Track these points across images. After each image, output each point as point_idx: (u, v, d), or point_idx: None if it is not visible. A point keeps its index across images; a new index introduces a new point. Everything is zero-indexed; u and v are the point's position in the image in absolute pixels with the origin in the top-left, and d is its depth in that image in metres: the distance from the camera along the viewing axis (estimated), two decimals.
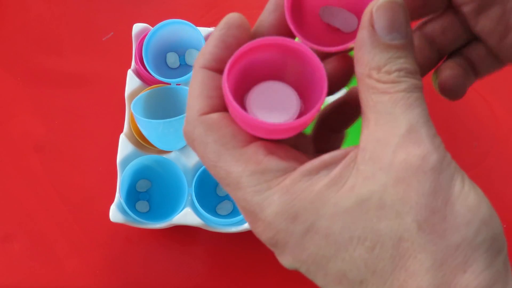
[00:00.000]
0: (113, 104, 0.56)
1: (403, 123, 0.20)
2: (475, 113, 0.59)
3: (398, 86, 0.21)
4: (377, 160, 0.20)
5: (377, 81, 0.21)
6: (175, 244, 0.53)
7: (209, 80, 0.23)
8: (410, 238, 0.19)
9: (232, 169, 0.22)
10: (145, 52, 0.49)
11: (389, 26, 0.21)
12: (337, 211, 0.20)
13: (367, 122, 0.21)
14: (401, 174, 0.20)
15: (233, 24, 0.25)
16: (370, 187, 0.20)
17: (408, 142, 0.20)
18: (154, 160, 0.49)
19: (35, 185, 0.54)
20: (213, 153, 0.22)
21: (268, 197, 0.21)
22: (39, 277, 0.52)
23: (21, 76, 0.59)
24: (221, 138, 0.22)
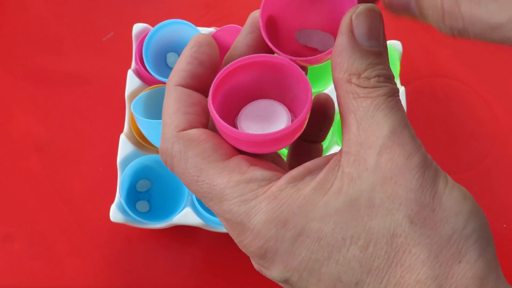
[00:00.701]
0: (113, 104, 0.56)
1: (386, 126, 0.20)
2: (475, 113, 0.59)
3: (378, 91, 0.21)
4: (362, 162, 0.20)
5: (357, 86, 0.21)
6: (175, 244, 0.53)
7: (185, 97, 0.23)
8: (403, 233, 0.19)
9: (215, 182, 0.22)
10: (145, 52, 0.49)
11: (369, 33, 0.21)
12: (327, 213, 0.20)
13: (348, 127, 0.21)
14: (387, 174, 0.20)
15: (203, 42, 0.25)
16: (358, 187, 0.20)
17: (392, 143, 0.20)
18: (154, 160, 0.49)
19: (35, 185, 0.54)
20: (194, 168, 0.22)
21: (255, 205, 0.21)
22: (39, 277, 0.52)
23: (21, 76, 0.59)
24: (202, 152, 0.22)
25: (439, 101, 0.59)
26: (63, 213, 0.54)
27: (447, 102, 0.59)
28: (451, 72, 0.60)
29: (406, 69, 0.57)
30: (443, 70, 0.60)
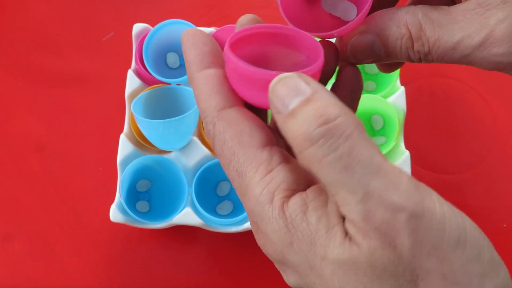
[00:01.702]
0: (113, 104, 0.56)
1: (357, 189, 0.20)
2: (475, 113, 0.59)
3: (335, 153, 0.20)
4: (369, 222, 0.20)
5: (312, 152, 0.20)
6: (175, 244, 0.53)
7: (213, 77, 0.23)
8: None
9: (243, 170, 0.22)
10: (145, 52, 0.49)
11: (289, 95, 0.20)
12: (326, 256, 0.20)
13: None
14: (384, 238, 0.19)
15: (201, 34, 0.25)
16: (359, 248, 0.20)
17: (368, 213, 0.19)
18: (154, 160, 0.49)
19: (35, 185, 0.54)
20: (229, 151, 0.22)
21: (268, 212, 0.21)
22: (39, 277, 0.52)
23: (21, 76, 0.59)
24: (238, 135, 0.22)
25: (439, 101, 0.59)
26: (63, 213, 0.54)
27: (447, 102, 0.59)
28: (451, 72, 0.60)
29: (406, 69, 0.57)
30: (443, 70, 0.60)
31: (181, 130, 0.46)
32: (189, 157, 0.49)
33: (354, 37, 0.25)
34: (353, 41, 0.25)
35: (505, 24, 0.22)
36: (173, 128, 0.45)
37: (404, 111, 0.51)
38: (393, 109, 0.50)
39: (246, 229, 0.48)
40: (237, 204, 0.51)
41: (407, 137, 0.53)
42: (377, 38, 0.25)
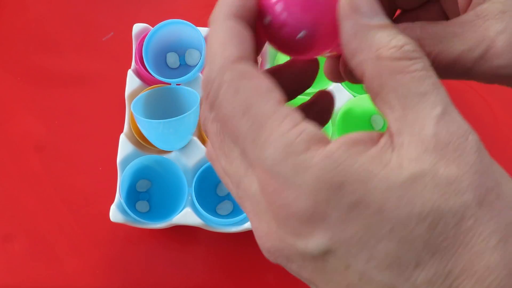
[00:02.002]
0: (113, 104, 0.56)
1: (437, 103, 0.19)
2: (475, 113, 0.59)
3: (416, 65, 0.19)
4: (420, 144, 0.18)
5: (390, 60, 0.19)
6: (175, 244, 0.53)
7: (239, 28, 0.21)
8: (473, 216, 0.18)
9: (263, 120, 0.18)
10: (145, 52, 0.49)
11: (373, 10, 0.20)
12: (390, 186, 0.18)
13: (390, 108, 0.19)
14: (449, 155, 0.18)
15: None
16: (420, 167, 0.18)
17: (447, 122, 0.18)
18: (154, 160, 0.49)
19: (35, 185, 0.54)
20: (244, 101, 0.19)
21: (306, 159, 0.18)
22: (39, 277, 0.52)
23: (21, 76, 0.59)
24: (256, 87, 0.19)
25: None
26: (63, 213, 0.54)
27: None
28: None
29: None
30: None
31: (181, 130, 0.46)
32: (189, 157, 0.49)
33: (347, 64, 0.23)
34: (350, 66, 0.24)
35: (504, 35, 0.22)
36: (173, 128, 0.45)
37: None
38: None
39: (246, 229, 0.48)
40: (237, 204, 0.51)
41: None
42: None
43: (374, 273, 0.18)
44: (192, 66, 0.53)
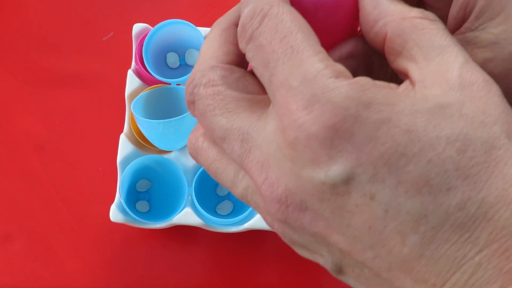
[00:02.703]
0: (113, 104, 0.56)
1: (460, 54, 0.18)
2: None
3: (436, 24, 0.19)
4: (444, 83, 0.18)
5: (414, 18, 0.19)
6: (175, 244, 0.53)
7: (230, 37, 0.21)
8: (503, 146, 0.17)
9: (300, 48, 0.18)
10: (145, 52, 0.49)
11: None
12: (418, 109, 0.17)
13: (413, 61, 0.19)
14: (475, 93, 0.18)
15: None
16: (447, 100, 0.17)
17: (471, 69, 0.18)
18: (154, 160, 0.49)
19: (35, 185, 0.54)
20: (286, 29, 0.19)
21: (335, 82, 0.17)
22: (39, 277, 0.52)
23: (21, 76, 0.59)
24: (299, 21, 0.19)
25: None
26: (63, 213, 0.54)
27: None
28: None
29: None
30: None
31: (181, 130, 0.46)
32: (189, 157, 0.49)
33: None
34: None
35: (493, 64, 0.22)
36: (173, 128, 0.45)
37: None
38: None
39: (246, 229, 0.48)
40: (237, 204, 0.51)
41: None
42: None
43: (402, 200, 0.17)
44: (192, 66, 0.53)
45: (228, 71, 0.21)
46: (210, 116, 0.20)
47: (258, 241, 0.53)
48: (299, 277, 0.52)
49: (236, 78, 0.21)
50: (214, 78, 0.20)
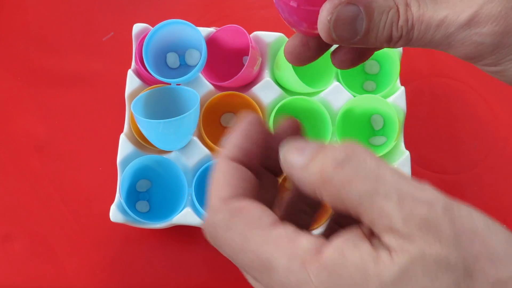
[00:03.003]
0: (113, 104, 0.56)
1: (390, 193, 0.21)
2: (475, 113, 0.59)
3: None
4: (395, 234, 0.20)
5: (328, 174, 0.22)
6: (175, 244, 0.53)
7: (234, 170, 0.24)
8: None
9: (262, 250, 0.21)
10: (145, 52, 0.49)
11: (298, 151, 0.23)
12: (384, 285, 0.19)
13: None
14: (427, 236, 0.19)
15: (256, 121, 0.25)
16: (408, 256, 0.19)
17: (408, 204, 0.20)
18: (154, 160, 0.49)
19: (35, 185, 0.54)
20: (239, 236, 0.22)
21: (305, 278, 0.20)
22: (39, 277, 0.52)
23: (21, 76, 0.59)
24: (247, 220, 0.22)
25: (439, 101, 0.59)
26: (63, 213, 0.54)
27: (447, 102, 0.59)
28: (451, 72, 0.60)
29: (406, 69, 0.57)
30: (443, 70, 0.60)
31: (181, 130, 0.46)
32: (189, 157, 0.49)
33: (339, 7, 0.24)
34: (339, 11, 0.24)
35: (493, 4, 0.22)
36: (173, 128, 0.45)
37: (404, 111, 0.51)
38: (393, 109, 0.50)
39: None
40: None
41: (407, 137, 0.53)
42: (361, 11, 0.24)
43: None
44: (192, 66, 0.53)
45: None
46: None
47: None
48: None
49: None
50: None
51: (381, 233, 0.20)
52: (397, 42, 0.25)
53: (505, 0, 0.22)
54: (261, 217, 0.22)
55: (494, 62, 0.24)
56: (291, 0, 0.25)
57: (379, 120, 0.53)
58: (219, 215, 0.23)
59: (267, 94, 0.51)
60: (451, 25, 0.23)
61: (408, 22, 0.23)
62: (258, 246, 0.21)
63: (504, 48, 0.23)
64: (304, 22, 0.26)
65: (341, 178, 0.21)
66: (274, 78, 0.53)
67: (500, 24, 0.22)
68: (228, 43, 0.54)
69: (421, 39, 0.24)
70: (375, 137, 0.53)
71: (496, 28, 0.22)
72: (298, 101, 0.51)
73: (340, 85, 0.52)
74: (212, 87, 0.52)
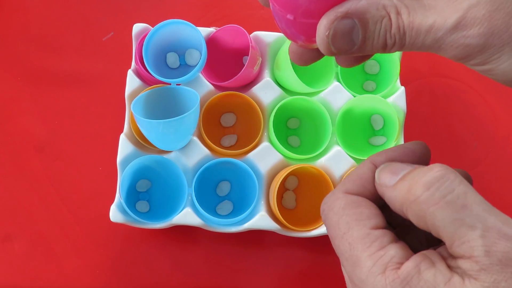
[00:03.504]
0: (113, 104, 0.56)
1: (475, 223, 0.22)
2: (475, 113, 0.59)
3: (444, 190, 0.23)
4: (474, 264, 0.21)
5: (419, 198, 0.23)
6: (175, 244, 0.53)
7: (367, 175, 0.27)
8: None
9: (355, 245, 0.24)
10: (145, 52, 0.49)
11: (392, 173, 0.26)
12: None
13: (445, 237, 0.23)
14: (505, 271, 0.21)
15: None
16: (481, 283, 0.21)
17: (491, 239, 0.22)
18: (154, 160, 0.49)
19: (35, 185, 0.54)
20: (345, 224, 0.25)
21: (381, 281, 0.23)
22: (39, 277, 0.52)
23: (21, 76, 0.59)
24: (357, 214, 0.25)
25: (439, 101, 0.59)
26: (63, 213, 0.54)
27: (447, 102, 0.59)
28: (451, 72, 0.60)
29: (406, 69, 0.57)
30: (443, 70, 0.60)
31: (181, 130, 0.46)
32: (189, 157, 0.49)
33: (335, 22, 0.25)
34: (335, 26, 0.25)
35: (477, 8, 0.23)
36: (173, 128, 0.45)
37: (404, 111, 0.51)
38: (393, 109, 0.50)
39: (246, 229, 0.48)
40: (237, 204, 0.51)
41: (407, 137, 0.53)
42: (357, 23, 0.25)
43: None
44: (192, 66, 0.53)
45: None
46: None
47: (258, 241, 0.53)
48: (298, 277, 0.52)
49: None
50: None
51: (460, 257, 0.22)
52: (391, 48, 0.26)
53: (489, 3, 0.23)
54: (370, 217, 0.25)
55: (482, 61, 0.25)
56: (287, 14, 0.26)
57: (379, 120, 0.53)
58: (337, 201, 0.26)
59: (267, 94, 0.51)
60: (439, 30, 0.24)
61: (400, 30, 0.25)
62: (355, 241, 0.24)
63: (490, 48, 0.24)
64: (302, 35, 0.27)
65: (427, 199, 0.22)
66: (274, 78, 0.53)
67: (485, 26, 0.23)
68: (228, 43, 0.54)
69: (413, 44, 0.25)
70: (375, 137, 0.53)
71: (481, 30, 0.23)
72: (298, 101, 0.51)
73: (340, 85, 0.52)
74: (212, 87, 0.52)
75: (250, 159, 0.50)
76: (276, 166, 0.50)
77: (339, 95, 0.52)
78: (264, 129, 0.51)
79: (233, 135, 0.53)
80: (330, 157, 0.50)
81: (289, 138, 0.54)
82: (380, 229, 0.25)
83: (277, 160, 0.50)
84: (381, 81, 0.55)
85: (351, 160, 0.50)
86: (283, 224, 0.48)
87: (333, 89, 0.52)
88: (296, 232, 0.49)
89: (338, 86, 0.52)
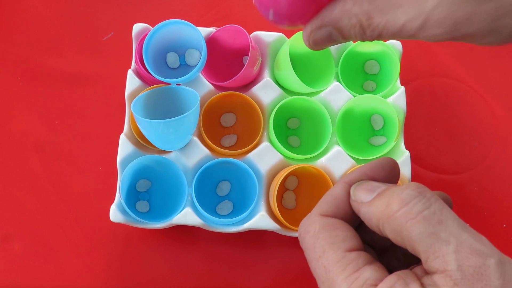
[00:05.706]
0: (113, 104, 0.56)
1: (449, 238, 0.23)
2: (475, 113, 0.59)
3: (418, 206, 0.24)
4: (448, 279, 0.22)
5: (396, 213, 0.24)
6: (175, 244, 0.53)
7: (342, 196, 0.28)
8: None
9: (331, 268, 0.25)
10: (145, 52, 0.49)
11: (368, 190, 0.27)
12: None
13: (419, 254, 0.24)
14: (477, 283, 0.22)
15: None
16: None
17: (465, 254, 0.22)
18: (154, 160, 0.49)
19: (35, 185, 0.54)
20: (320, 248, 0.26)
21: None
22: (39, 277, 0.52)
23: (21, 76, 0.59)
24: (332, 237, 0.26)
25: (439, 101, 0.59)
26: (63, 213, 0.54)
27: (447, 102, 0.59)
28: (451, 72, 0.60)
29: (406, 69, 0.57)
30: (443, 70, 0.60)
31: (181, 130, 0.46)
32: (189, 157, 0.49)
33: (313, 33, 0.28)
34: (314, 36, 0.28)
35: (439, 10, 0.24)
36: (173, 128, 0.45)
37: (404, 111, 0.51)
38: (393, 109, 0.50)
39: (246, 229, 0.48)
40: (237, 204, 0.51)
41: (407, 137, 0.53)
42: (333, 30, 0.27)
43: None
44: (192, 66, 0.53)
45: None
46: None
47: (258, 241, 0.53)
48: (298, 277, 0.52)
49: None
50: None
51: (434, 273, 0.22)
52: (372, 41, 0.28)
53: (449, 4, 0.24)
54: (345, 239, 0.26)
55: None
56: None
57: (379, 120, 0.53)
58: (313, 225, 0.27)
59: (267, 94, 0.51)
60: (411, 29, 0.25)
61: (374, 32, 0.26)
62: (330, 264, 0.25)
63: (458, 39, 0.25)
64: (286, 19, 0.28)
65: (405, 214, 0.23)
66: (274, 78, 0.53)
67: (447, 26, 0.24)
68: (228, 43, 0.54)
69: (392, 38, 0.27)
70: (375, 137, 0.53)
71: (445, 30, 0.25)
72: (298, 101, 0.51)
73: (340, 85, 0.52)
74: (212, 87, 0.52)
75: (250, 159, 0.50)
76: (276, 166, 0.50)
77: (339, 95, 0.52)
78: (264, 129, 0.51)
79: (233, 135, 0.53)
80: (330, 157, 0.50)
81: (289, 138, 0.54)
82: (355, 251, 0.25)
83: (277, 160, 0.50)
84: (381, 81, 0.55)
85: (351, 160, 0.50)
86: (283, 224, 0.48)
87: (333, 89, 0.52)
88: (296, 232, 0.49)
89: (338, 86, 0.52)
